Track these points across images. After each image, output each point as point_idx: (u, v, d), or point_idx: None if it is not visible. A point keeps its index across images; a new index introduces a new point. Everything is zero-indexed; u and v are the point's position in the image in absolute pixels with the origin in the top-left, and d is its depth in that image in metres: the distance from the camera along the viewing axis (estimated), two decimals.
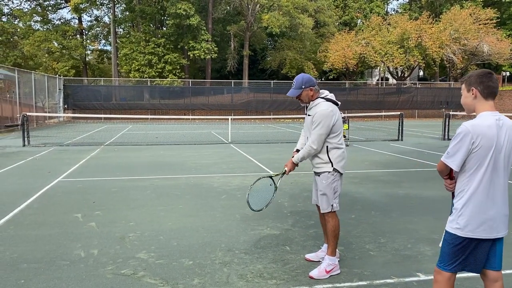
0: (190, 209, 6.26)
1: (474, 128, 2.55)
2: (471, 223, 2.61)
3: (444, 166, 2.70)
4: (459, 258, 2.67)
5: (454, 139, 2.63)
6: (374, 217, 5.82)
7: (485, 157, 2.56)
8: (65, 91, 31.01)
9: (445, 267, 2.72)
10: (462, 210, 2.64)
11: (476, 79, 2.66)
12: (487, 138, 2.54)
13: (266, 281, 3.78)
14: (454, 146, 2.61)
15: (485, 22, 36.54)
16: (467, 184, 2.63)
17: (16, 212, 6.02)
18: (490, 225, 2.61)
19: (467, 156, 2.58)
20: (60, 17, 58.67)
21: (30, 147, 13.74)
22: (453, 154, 2.61)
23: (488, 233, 2.62)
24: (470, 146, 2.55)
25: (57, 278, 3.82)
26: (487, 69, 2.78)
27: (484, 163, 2.57)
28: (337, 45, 38.03)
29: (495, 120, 2.59)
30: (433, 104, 36.46)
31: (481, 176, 2.59)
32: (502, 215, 2.66)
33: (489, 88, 2.64)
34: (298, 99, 4.06)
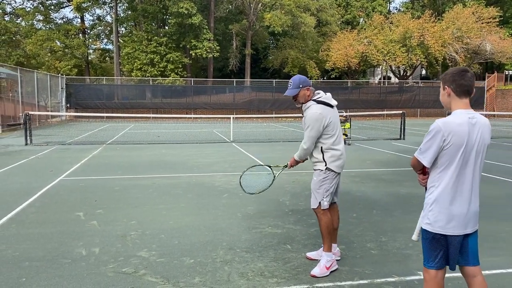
0: (192, 207, 6.27)
1: (446, 125, 2.59)
2: (441, 219, 2.65)
3: (416, 161, 2.74)
4: (437, 253, 2.70)
5: (426, 136, 2.67)
6: (375, 216, 5.82)
7: (455, 154, 2.60)
8: (67, 90, 31.08)
9: (428, 265, 2.74)
10: (432, 206, 2.69)
11: (449, 77, 2.70)
12: (458, 136, 2.57)
13: (267, 279, 3.79)
14: (426, 143, 2.65)
15: (488, 20, 36.40)
16: (438, 180, 2.68)
17: (18, 210, 6.04)
18: (459, 221, 2.65)
19: (439, 153, 2.63)
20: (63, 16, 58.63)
21: (32, 146, 13.78)
22: (425, 150, 2.66)
23: (457, 230, 2.65)
24: (441, 143, 2.59)
25: (59, 276, 3.83)
26: (463, 67, 2.80)
27: (455, 160, 2.61)
28: (339, 44, 37.97)
29: (467, 118, 2.62)
30: (435, 103, 36.32)
31: (451, 173, 2.63)
32: (471, 212, 2.70)
33: (461, 86, 2.66)
34: (295, 100, 4.15)
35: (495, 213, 6.01)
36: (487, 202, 6.66)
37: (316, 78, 40.41)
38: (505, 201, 6.78)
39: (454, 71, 2.71)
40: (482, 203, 6.52)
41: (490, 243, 4.74)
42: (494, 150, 13.30)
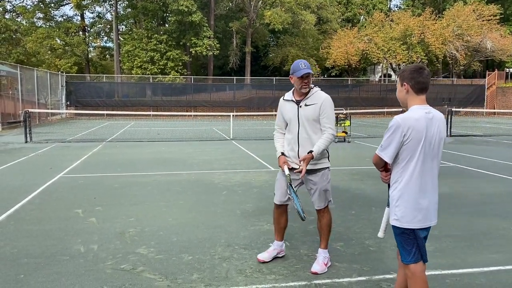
0: (191, 205, 6.27)
1: (405, 121, 2.65)
2: (407, 214, 2.70)
3: (378, 158, 2.78)
4: (411, 247, 2.73)
5: (386, 132, 2.72)
6: (374, 213, 5.81)
7: (415, 148, 2.66)
8: (67, 88, 31.07)
9: (406, 260, 2.77)
10: (398, 202, 2.74)
11: (408, 74, 2.75)
12: (416, 131, 2.63)
13: (265, 276, 3.78)
14: (386, 139, 2.70)
15: (489, 18, 36.33)
16: (401, 175, 2.72)
17: (17, 207, 6.04)
18: (424, 214, 2.71)
19: (400, 149, 2.68)
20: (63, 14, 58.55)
21: (32, 144, 13.78)
22: (386, 146, 2.70)
23: (422, 223, 2.71)
24: (401, 138, 2.65)
25: (57, 273, 3.83)
26: (420, 64, 2.94)
27: (415, 155, 2.67)
28: (339, 42, 37.92)
29: (424, 113, 2.69)
30: (435, 101, 36.17)
31: (413, 167, 2.68)
32: (433, 204, 2.76)
33: (419, 83, 2.73)
34: (306, 82, 3.79)
35: (494, 210, 6.00)
36: (487, 199, 6.66)
37: (317, 76, 40.38)
38: (505, 198, 6.77)
39: (412, 68, 2.77)
40: (482, 200, 6.54)
41: (489, 240, 4.75)
42: (494, 147, 13.30)
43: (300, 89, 3.85)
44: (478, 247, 4.55)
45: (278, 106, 4.11)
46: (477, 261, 4.14)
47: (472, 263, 4.09)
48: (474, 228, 5.20)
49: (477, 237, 4.86)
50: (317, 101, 3.82)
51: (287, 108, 3.96)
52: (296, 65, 3.83)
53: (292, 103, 3.93)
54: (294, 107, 3.90)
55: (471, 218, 5.59)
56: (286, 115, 3.97)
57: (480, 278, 3.76)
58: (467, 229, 5.12)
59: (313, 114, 3.81)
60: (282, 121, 4.05)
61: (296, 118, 3.88)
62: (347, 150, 12.71)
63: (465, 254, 4.34)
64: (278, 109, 4.10)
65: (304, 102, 3.86)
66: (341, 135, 14.82)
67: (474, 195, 6.86)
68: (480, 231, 5.10)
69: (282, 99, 4.07)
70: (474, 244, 4.62)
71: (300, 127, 3.87)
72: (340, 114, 15.37)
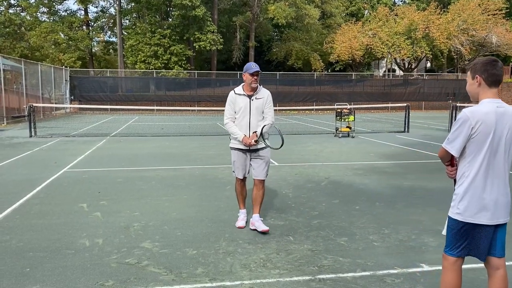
0: (195, 199, 6.28)
1: (473, 114, 2.58)
2: (471, 208, 2.64)
3: (445, 152, 2.72)
4: (462, 243, 2.70)
5: (454, 125, 2.66)
6: (378, 208, 5.81)
7: (483, 142, 2.59)
8: (71, 83, 31.12)
9: (450, 252, 2.76)
10: (463, 195, 2.67)
11: (481, 67, 2.67)
12: (485, 124, 2.56)
13: (269, 270, 3.79)
14: (454, 132, 2.64)
15: (494, 12, 36.08)
16: (468, 169, 2.66)
17: (22, 201, 6.07)
18: (491, 211, 2.63)
19: (467, 142, 2.61)
20: (66, 9, 58.62)
21: (36, 138, 13.83)
22: (453, 140, 2.64)
23: (488, 219, 2.63)
24: (469, 131, 2.58)
25: (62, 266, 3.86)
26: (493, 56, 2.78)
27: (483, 149, 2.60)
28: (343, 36, 37.77)
29: (495, 107, 2.60)
30: (440, 96, 36.15)
31: (480, 161, 2.62)
32: (502, 201, 2.67)
33: (493, 76, 2.64)
34: (255, 80, 4.73)
35: None
36: None
37: (320, 70, 40.27)
38: None
39: (485, 60, 2.69)
40: None
41: None
42: None
43: (251, 84, 4.74)
44: None
45: (229, 99, 4.92)
46: None
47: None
48: None
49: None
50: (263, 95, 4.84)
51: (238, 100, 4.82)
52: (248, 65, 4.78)
53: (244, 97, 4.81)
54: (246, 100, 4.80)
55: None
56: (237, 106, 4.82)
57: (485, 274, 3.75)
58: None
59: (261, 106, 4.82)
60: (232, 111, 4.89)
61: (248, 108, 4.79)
62: (351, 145, 12.68)
63: None
64: (229, 102, 4.90)
65: (255, 96, 4.80)
66: (345, 130, 14.78)
67: None
68: None
69: (234, 93, 4.88)
70: None
71: (251, 115, 4.80)
72: (344, 109, 15.33)
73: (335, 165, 9.17)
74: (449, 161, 2.78)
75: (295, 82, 35.52)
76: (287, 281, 3.59)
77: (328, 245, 4.41)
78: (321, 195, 6.58)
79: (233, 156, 4.97)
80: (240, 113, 4.81)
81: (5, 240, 4.52)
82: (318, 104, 31.22)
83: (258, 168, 4.87)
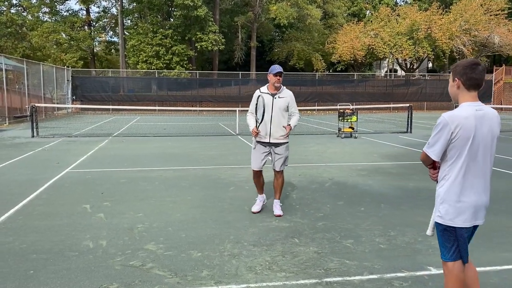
0: (198, 200, 6.24)
1: (452, 118, 2.58)
2: (450, 212, 2.68)
3: (425, 155, 2.74)
4: (451, 245, 2.72)
5: (433, 130, 2.67)
6: (383, 210, 5.76)
7: (463, 147, 2.60)
8: (73, 83, 31.11)
9: (445, 257, 2.77)
10: (442, 199, 2.71)
11: (460, 69, 2.66)
12: (464, 129, 2.57)
13: (275, 273, 3.75)
14: (433, 137, 2.66)
15: (496, 12, 35.99)
16: (448, 173, 2.69)
17: (25, 202, 6.04)
18: (469, 213, 2.67)
19: (447, 146, 2.63)
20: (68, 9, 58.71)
21: (38, 138, 13.81)
22: (433, 144, 2.66)
23: (467, 222, 2.68)
24: (449, 136, 2.59)
25: (66, 269, 3.82)
26: (475, 59, 2.76)
27: (463, 153, 2.62)
28: (345, 37, 37.72)
29: (474, 110, 2.61)
30: (442, 96, 36.07)
31: (460, 165, 2.64)
32: (481, 204, 2.71)
33: (471, 80, 2.64)
34: (279, 78, 5.28)
35: (502, 207, 5.93)
36: (494, 196, 6.59)
37: (322, 70, 40.20)
38: (511, 195, 6.70)
39: (465, 63, 2.67)
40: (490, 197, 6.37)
41: (499, 238, 4.69)
42: (503, 143, 13.17)
43: (274, 83, 5.31)
44: (489, 245, 4.50)
45: (254, 96, 5.48)
46: (489, 260, 4.09)
47: (485, 262, 4.04)
48: (485, 225, 5.12)
49: (487, 235, 4.79)
50: (285, 95, 5.40)
51: (263, 98, 5.34)
52: (273, 67, 5.34)
53: (268, 95, 5.37)
54: (269, 98, 5.37)
55: None
56: (261, 103, 5.32)
57: (493, 277, 3.72)
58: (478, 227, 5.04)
59: (283, 105, 5.37)
60: (255, 107, 5.46)
61: (271, 106, 5.34)
62: (354, 145, 12.64)
63: (478, 252, 4.28)
64: (253, 99, 5.48)
65: (277, 95, 5.37)
66: (348, 131, 14.74)
67: None
68: (490, 228, 5.04)
69: (259, 91, 5.46)
70: (485, 242, 4.56)
71: (273, 112, 5.34)
72: (346, 109, 15.28)
73: (339, 166, 9.12)
74: (431, 164, 2.81)
75: (296, 82, 35.45)
76: (293, 284, 3.54)
77: (334, 248, 4.37)
78: (325, 196, 6.54)
79: (252, 149, 5.69)
80: (264, 110, 5.32)
81: (8, 242, 4.48)
82: (320, 105, 31.16)
83: (277, 161, 5.51)
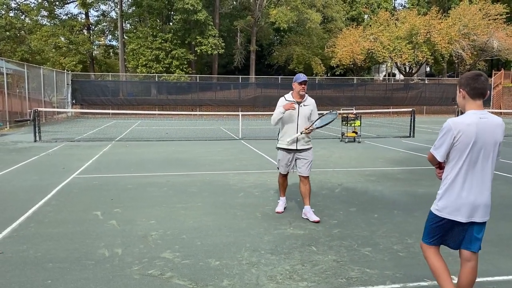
0: (209, 207, 6.19)
1: (456, 125, 2.89)
2: (449, 206, 2.99)
3: (431, 156, 3.06)
4: (436, 234, 3.09)
5: (439, 133, 2.98)
6: (397, 217, 5.73)
7: (464, 151, 2.89)
8: (73, 86, 31.03)
9: (425, 240, 3.18)
10: (442, 195, 3.03)
11: (464, 81, 2.96)
12: (465, 135, 2.85)
13: (297, 283, 3.70)
14: (439, 140, 2.98)
15: (495, 17, 36.14)
16: (450, 173, 3.00)
17: (35, 209, 5.97)
18: (465, 210, 2.95)
19: (450, 149, 2.93)
20: (67, 12, 58.65)
21: (41, 143, 13.73)
22: (438, 146, 2.98)
23: (463, 217, 2.96)
24: (452, 140, 2.89)
25: (84, 278, 3.76)
26: (477, 71, 3.05)
27: (463, 156, 2.91)
28: (344, 41, 37.76)
29: (478, 118, 2.88)
30: (441, 100, 36.19)
31: (459, 167, 2.94)
32: (480, 203, 2.96)
33: (475, 89, 2.91)
34: (303, 87, 5.46)
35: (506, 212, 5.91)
36: (509, 202, 6.56)
37: (322, 74, 40.24)
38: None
39: (468, 75, 2.96)
40: (504, 203, 6.36)
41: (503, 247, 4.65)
42: (506, 148, 13.17)
43: (299, 92, 5.49)
44: (508, 253, 4.47)
45: (279, 103, 5.60)
46: (509, 268, 4.06)
47: (506, 270, 4.01)
48: (501, 232, 5.11)
49: (506, 242, 4.77)
50: (309, 103, 5.60)
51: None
52: (297, 76, 5.49)
53: (294, 103, 5.49)
54: (296, 106, 5.48)
55: (497, 222, 5.47)
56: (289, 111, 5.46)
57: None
58: (494, 234, 5.01)
59: (308, 112, 5.55)
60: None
61: (297, 113, 5.51)
62: (359, 150, 12.61)
63: (497, 260, 4.26)
64: (279, 105, 5.57)
65: (303, 103, 5.55)
66: (352, 135, 14.72)
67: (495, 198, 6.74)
68: (508, 236, 5.01)
69: (284, 99, 5.63)
70: (504, 250, 4.53)
71: (299, 120, 5.51)
72: (350, 114, 15.27)
73: (346, 171, 9.09)
74: (438, 164, 3.10)
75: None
76: None
77: (352, 256, 4.33)
78: (336, 202, 6.50)
79: (279, 155, 5.77)
80: (289, 117, 5.48)
81: (23, 250, 4.42)
82: (319, 109, 30.82)
83: (303, 166, 5.60)
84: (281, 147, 5.69)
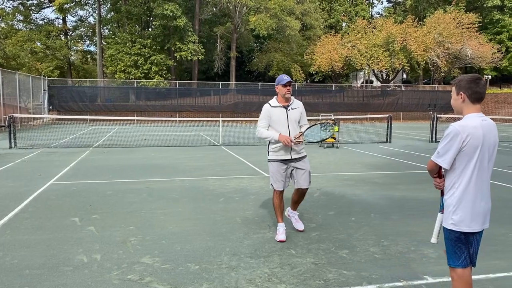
0: (189, 212, 6.20)
1: (463, 128, 2.74)
2: (466, 218, 2.79)
3: (434, 165, 2.87)
4: (463, 252, 2.83)
5: (444, 139, 2.80)
6: (374, 220, 5.85)
7: (473, 155, 2.75)
8: (49, 92, 30.51)
9: (454, 264, 2.87)
10: (456, 206, 2.81)
11: (465, 84, 2.83)
12: (474, 138, 2.72)
13: (276, 285, 3.76)
14: (444, 146, 2.78)
15: (468, 26, 37.22)
16: (458, 180, 2.80)
17: (11, 216, 5.87)
18: (481, 217, 2.83)
19: (457, 155, 2.76)
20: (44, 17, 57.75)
21: (17, 149, 13.47)
22: (444, 153, 2.79)
23: (479, 226, 2.82)
24: (460, 145, 2.73)
25: (62, 284, 3.73)
26: (476, 74, 2.93)
27: (473, 161, 2.76)
28: (323, 48, 38.26)
29: (480, 121, 2.79)
30: (418, 107, 36.97)
31: (470, 172, 2.77)
32: (488, 208, 2.88)
33: (476, 93, 2.81)
34: (289, 88, 4.92)
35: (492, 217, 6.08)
36: None
37: (301, 81, 40.62)
38: (498, 204, 6.88)
39: (469, 78, 2.84)
40: None
41: (490, 246, 4.80)
42: None
43: (284, 95, 4.93)
44: (480, 253, 4.60)
45: (263, 112, 5.00)
46: (482, 268, 4.19)
47: (478, 270, 4.14)
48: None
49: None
50: (297, 105, 5.07)
51: (276, 112, 4.95)
52: (280, 78, 4.95)
53: (281, 108, 4.97)
54: (283, 111, 4.97)
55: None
56: (274, 117, 4.93)
57: (488, 285, 3.81)
58: None
59: (297, 116, 5.03)
60: (267, 123, 4.97)
61: (286, 119, 4.95)
62: (337, 155, 12.79)
63: None
64: (264, 114, 4.98)
65: (290, 107, 5.00)
66: (330, 141, 14.90)
67: None
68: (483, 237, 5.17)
69: (269, 106, 5.00)
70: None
71: (290, 125, 4.95)
72: (329, 119, 15.45)
73: (325, 176, 9.21)
74: (437, 173, 2.93)
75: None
76: None
77: (330, 258, 4.41)
78: (315, 206, 6.59)
79: (271, 168, 5.05)
80: (277, 124, 4.92)
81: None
82: None
83: (302, 177, 5.03)
84: (274, 159, 5.01)
